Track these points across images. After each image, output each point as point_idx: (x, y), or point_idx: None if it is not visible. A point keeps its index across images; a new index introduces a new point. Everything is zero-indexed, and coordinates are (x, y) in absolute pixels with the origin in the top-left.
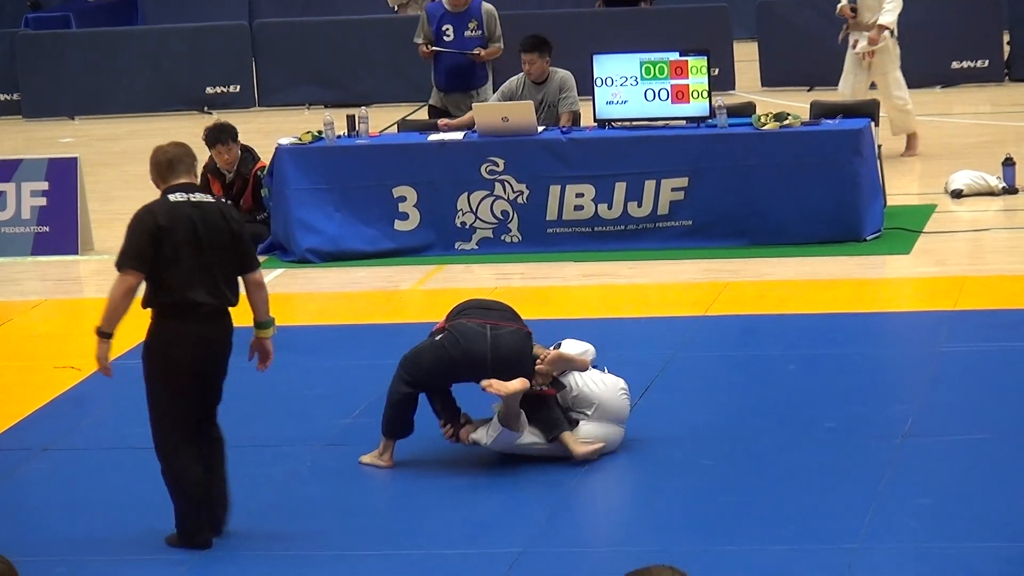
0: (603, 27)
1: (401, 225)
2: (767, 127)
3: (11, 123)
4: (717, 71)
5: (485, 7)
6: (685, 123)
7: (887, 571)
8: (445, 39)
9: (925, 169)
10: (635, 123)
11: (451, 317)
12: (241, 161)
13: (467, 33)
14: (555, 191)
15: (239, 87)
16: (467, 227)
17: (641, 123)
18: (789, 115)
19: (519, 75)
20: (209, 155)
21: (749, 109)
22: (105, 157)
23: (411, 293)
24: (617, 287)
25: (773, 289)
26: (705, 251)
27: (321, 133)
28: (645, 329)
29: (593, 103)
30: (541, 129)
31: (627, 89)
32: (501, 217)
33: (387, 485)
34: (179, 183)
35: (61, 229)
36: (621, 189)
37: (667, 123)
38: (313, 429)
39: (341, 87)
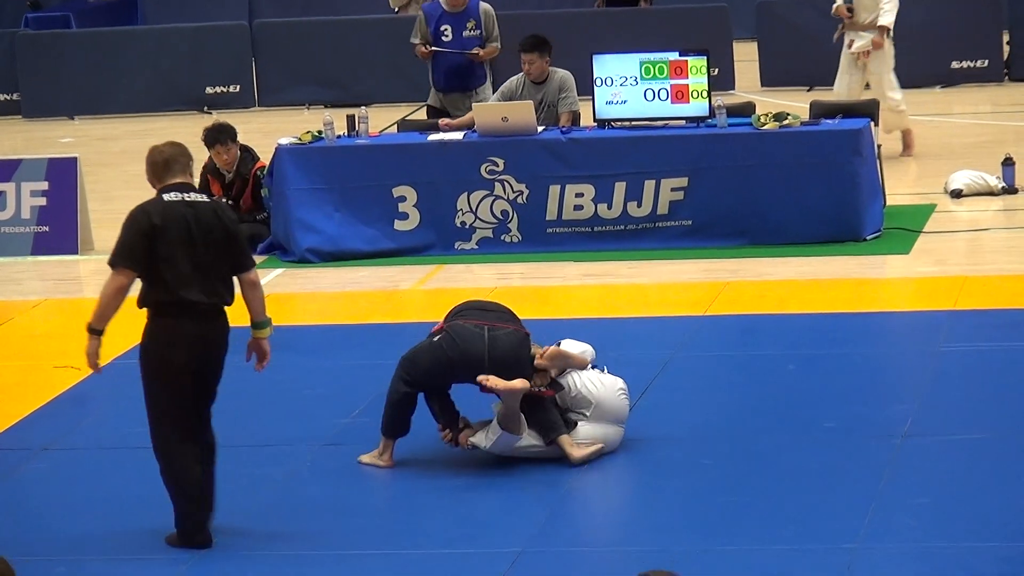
0: (603, 27)
1: (401, 225)
2: (767, 127)
3: (11, 123)
4: (717, 71)
5: (483, 7)
6: (685, 123)
7: (887, 571)
8: (444, 39)
9: (925, 169)
10: (635, 123)
11: (449, 318)
12: (240, 161)
13: (466, 33)
14: (555, 191)
15: (239, 87)
16: (467, 227)
17: (641, 123)
18: (789, 115)
19: (519, 75)
20: (208, 155)
21: (749, 109)
22: (105, 157)
23: (411, 293)
24: (617, 287)
25: (773, 289)
26: (705, 251)
27: (321, 133)
28: (645, 329)
29: (593, 103)
30: (541, 129)
31: (627, 89)
32: (501, 217)
33: (386, 485)
34: (174, 183)
35: (61, 229)
36: (621, 189)
37: (667, 123)
38: (313, 429)
39: (341, 87)
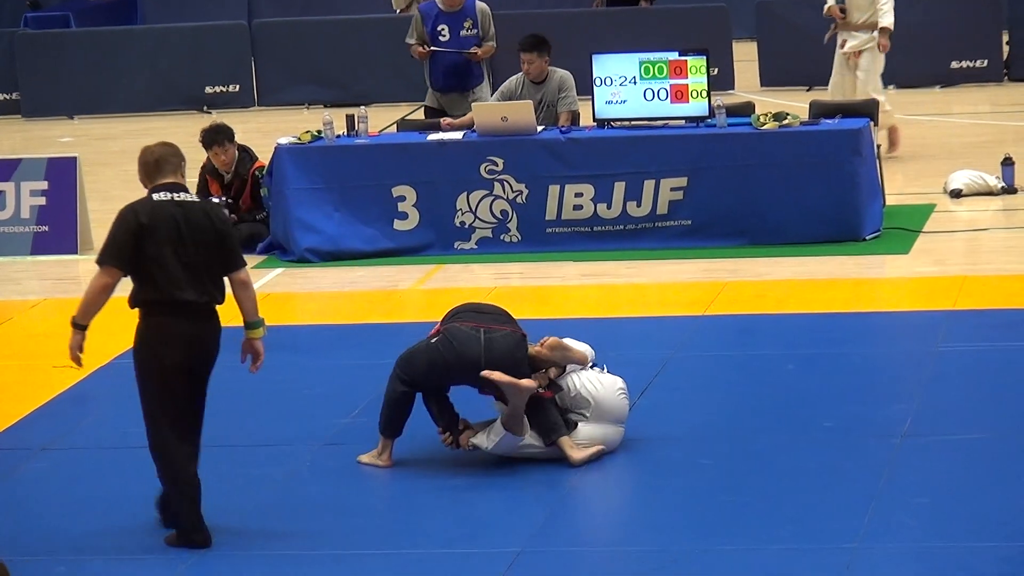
0: (602, 27)
1: (400, 225)
2: (766, 127)
3: (10, 122)
4: (716, 71)
5: (479, 6)
6: (684, 123)
7: (886, 571)
8: (441, 39)
9: (924, 169)
10: (634, 123)
11: (445, 321)
12: (239, 161)
13: (463, 32)
14: (554, 191)
15: (238, 87)
16: (466, 227)
17: (640, 123)
18: (788, 115)
19: (518, 75)
20: (207, 156)
21: (748, 109)
22: (104, 156)
23: (410, 293)
24: (616, 287)
25: (772, 289)
26: (704, 251)
27: (320, 133)
28: (644, 329)
29: (592, 103)
30: (540, 129)
31: (626, 89)
32: (500, 217)
33: (386, 485)
34: (165, 183)
35: (60, 228)
36: (620, 189)
37: (666, 123)
38: (312, 429)
39: (340, 87)
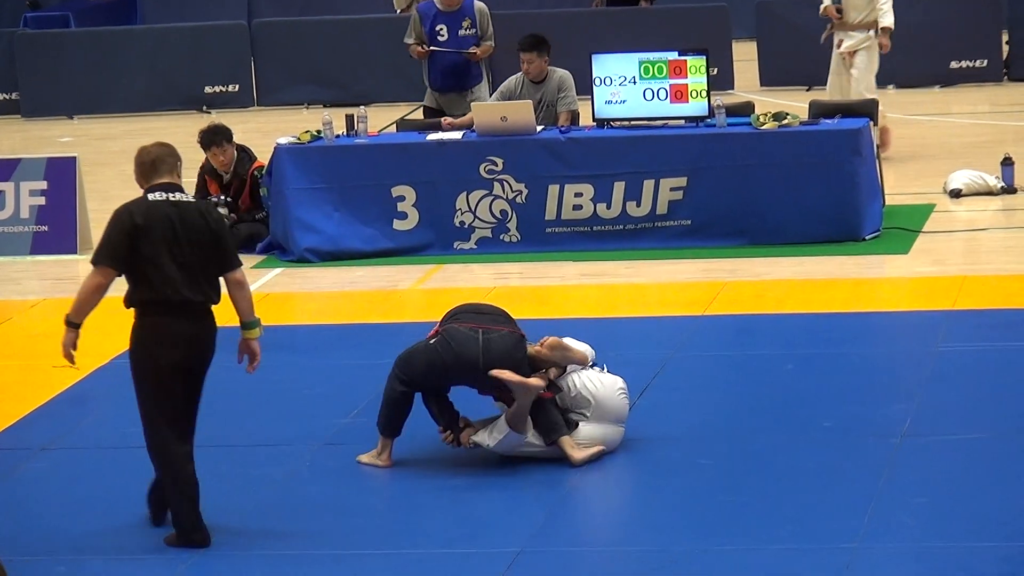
0: (602, 27)
1: (400, 224)
2: (766, 127)
3: (10, 122)
4: (716, 71)
5: (478, 5)
6: (684, 123)
7: (885, 570)
8: (440, 39)
9: (924, 169)
10: (634, 123)
11: (444, 321)
12: (238, 161)
13: (461, 32)
14: (554, 190)
15: (238, 87)
16: (466, 226)
17: (640, 123)
18: (788, 115)
19: (518, 74)
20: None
21: (748, 109)
22: (104, 156)
23: (410, 293)
24: (615, 287)
25: (771, 289)
26: (704, 251)
27: (320, 132)
28: (643, 329)
29: (592, 103)
30: (540, 129)
31: (626, 88)
32: (500, 216)
33: (385, 484)
34: (160, 183)
35: (60, 228)
36: (620, 189)
37: (666, 123)
38: (312, 428)
39: (340, 86)
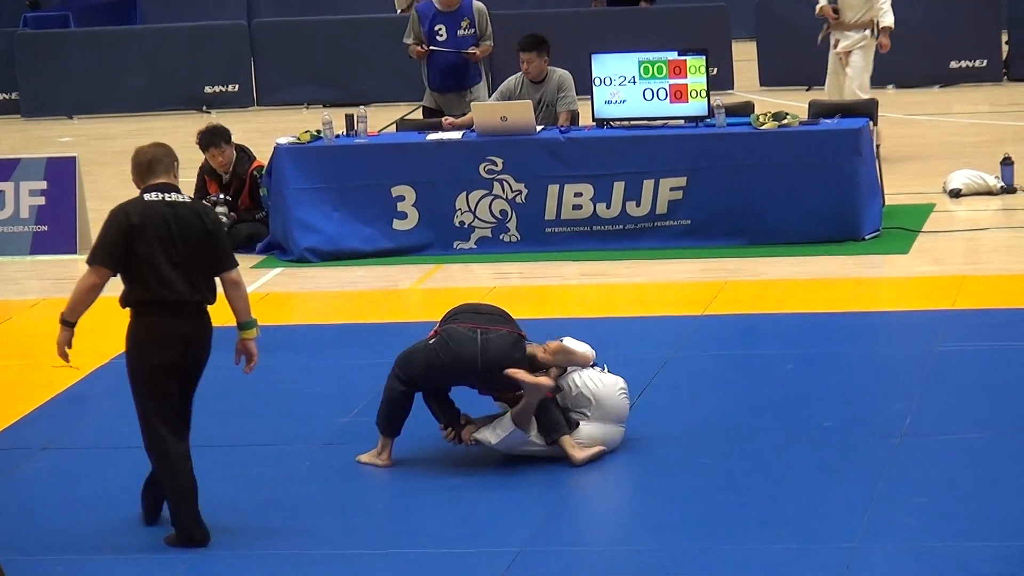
0: (602, 26)
1: (400, 224)
2: (765, 126)
3: (9, 122)
4: (715, 70)
5: (476, 5)
6: (683, 122)
7: (885, 570)
8: (438, 39)
9: (923, 169)
10: (633, 122)
11: (444, 321)
12: (237, 161)
13: (460, 32)
14: (553, 190)
15: (237, 86)
16: (466, 226)
17: (639, 122)
18: (787, 114)
19: (517, 74)
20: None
21: (747, 108)
22: (103, 156)
23: (410, 292)
24: (615, 286)
25: (771, 288)
26: (703, 250)
27: (320, 132)
28: (643, 328)
29: (591, 102)
30: (539, 128)
31: (625, 88)
32: (500, 216)
33: (385, 484)
34: (156, 183)
35: (59, 228)
36: (619, 188)
37: (665, 123)
38: (311, 428)
39: (340, 86)
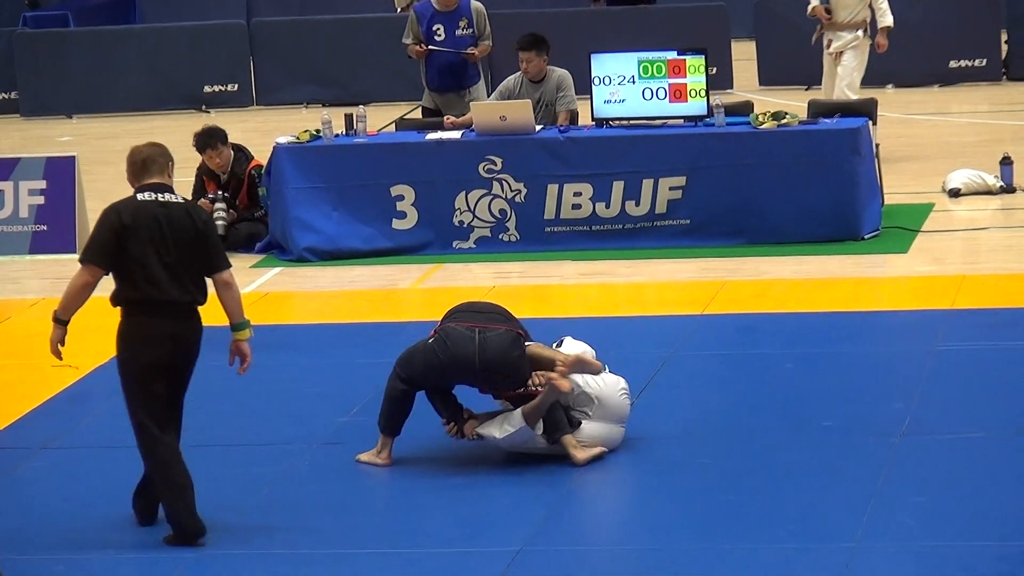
0: (601, 26)
1: (399, 224)
2: (765, 126)
3: (9, 122)
4: (715, 70)
5: (474, 5)
6: (683, 122)
7: (885, 569)
8: (436, 39)
9: (923, 168)
10: (633, 122)
11: (444, 320)
12: (235, 161)
13: (458, 32)
14: (553, 190)
15: (237, 86)
16: (465, 226)
17: (639, 122)
18: (787, 114)
19: (517, 74)
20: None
21: (747, 108)
22: (103, 156)
23: (409, 292)
24: (615, 286)
25: (771, 288)
26: (703, 250)
27: (319, 132)
28: (643, 328)
29: (591, 102)
30: (539, 128)
31: (625, 88)
32: (499, 216)
33: (385, 483)
34: (150, 183)
35: (59, 228)
36: (619, 188)
37: (665, 122)
38: (311, 427)
39: (339, 86)
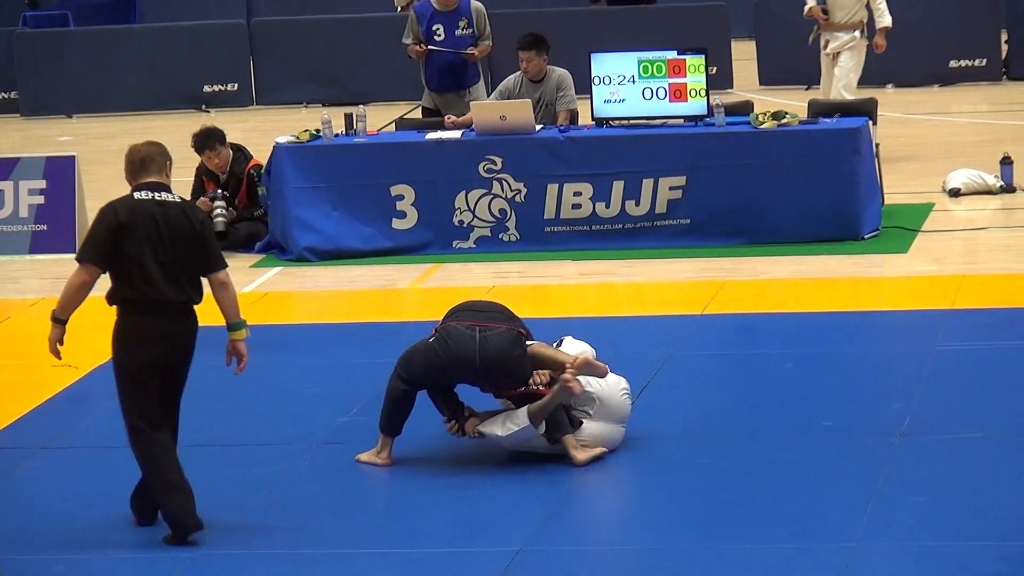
0: (601, 26)
1: (399, 224)
2: (765, 126)
3: (9, 121)
4: (715, 70)
5: (474, 5)
6: (683, 122)
7: (885, 569)
8: (436, 38)
9: (923, 168)
10: (633, 122)
11: (444, 320)
12: (234, 161)
13: (458, 32)
14: (553, 190)
15: (237, 85)
16: (465, 225)
17: (639, 122)
18: (787, 114)
19: (517, 73)
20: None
21: (747, 108)
22: (103, 155)
23: (409, 292)
24: (615, 286)
25: (771, 288)
26: (703, 250)
27: (319, 131)
28: (643, 327)
29: (591, 102)
30: (539, 128)
31: (625, 88)
32: (499, 216)
33: (385, 483)
34: (147, 181)
35: (59, 227)
36: (619, 188)
37: (665, 122)
38: (311, 427)
39: (339, 85)
